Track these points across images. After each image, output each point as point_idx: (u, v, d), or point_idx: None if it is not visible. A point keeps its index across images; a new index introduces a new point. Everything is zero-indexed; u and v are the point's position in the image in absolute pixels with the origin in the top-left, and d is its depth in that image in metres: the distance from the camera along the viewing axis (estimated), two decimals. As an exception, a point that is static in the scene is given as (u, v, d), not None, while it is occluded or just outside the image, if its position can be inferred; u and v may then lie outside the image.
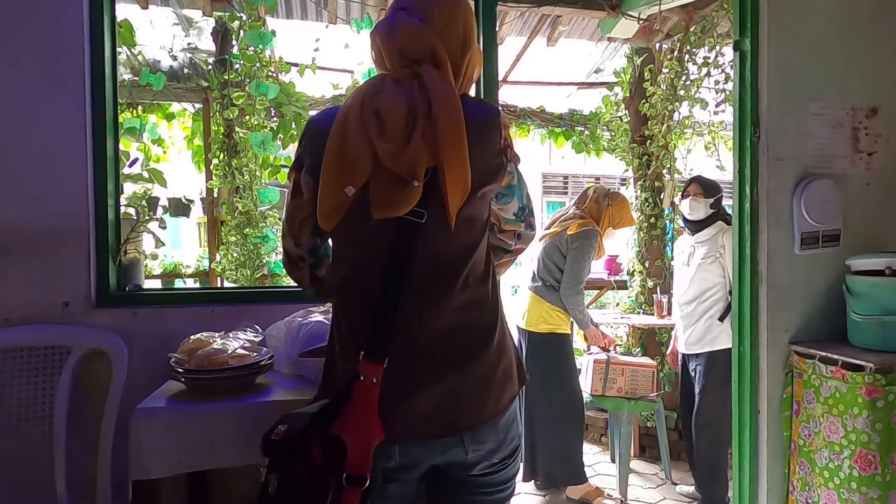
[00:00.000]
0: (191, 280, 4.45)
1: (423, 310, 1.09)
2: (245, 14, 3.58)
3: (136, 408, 1.43)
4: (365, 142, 1.06)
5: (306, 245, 1.23)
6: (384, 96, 1.08)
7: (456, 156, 1.06)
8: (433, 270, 1.10)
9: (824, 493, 1.97)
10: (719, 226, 2.97)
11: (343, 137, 1.07)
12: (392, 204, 1.05)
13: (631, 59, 4.23)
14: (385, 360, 1.05)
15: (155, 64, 3.90)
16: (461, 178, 1.06)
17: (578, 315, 3.13)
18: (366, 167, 1.06)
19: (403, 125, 1.06)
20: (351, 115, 1.08)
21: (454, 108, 1.08)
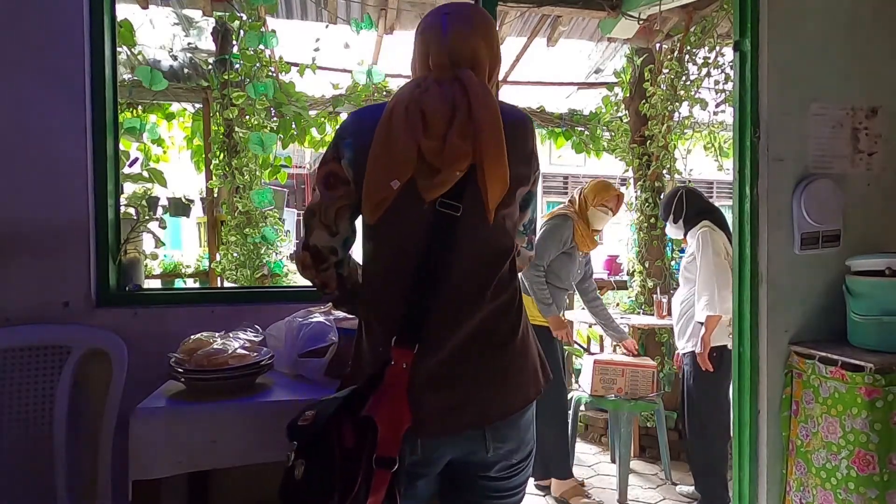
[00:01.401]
0: (191, 280, 4.45)
1: (456, 303, 1.13)
2: (245, 14, 3.58)
3: (136, 408, 1.43)
4: (411, 139, 1.10)
5: (343, 234, 1.24)
6: (429, 96, 1.13)
7: (495, 152, 1.12)
8: (469, 266, 1.14)
9: (820, 493, 1.97)
10: (702, 226, 2.96)
11: (389, 134, 1.12)
12: (435, 185, 1.11)
13: (631, 60, 4.23)
14: (416, 346, 1.09)
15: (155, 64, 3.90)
16: (500, 174, 1.12)
17: (536, 296, 3.04)
18: (411, 163, 1.10)
19: (446, 123, 1.12)
20: (396, 112, 1.13)
21: (493, 109, 1.14)
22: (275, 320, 1.79)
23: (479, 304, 1.14)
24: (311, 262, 1.24)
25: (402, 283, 1.13)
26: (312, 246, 1.23)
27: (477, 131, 1.11)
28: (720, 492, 2.92)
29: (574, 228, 3.11)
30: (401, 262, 1.15)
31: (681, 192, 3.10)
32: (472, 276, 1.15)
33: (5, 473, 1.73)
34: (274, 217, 3.83)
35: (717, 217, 3.03)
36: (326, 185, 1.21)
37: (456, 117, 1.12)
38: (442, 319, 1.12)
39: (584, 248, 3.16)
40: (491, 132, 1.12)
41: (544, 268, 3.05)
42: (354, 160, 1.17)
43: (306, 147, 4.27)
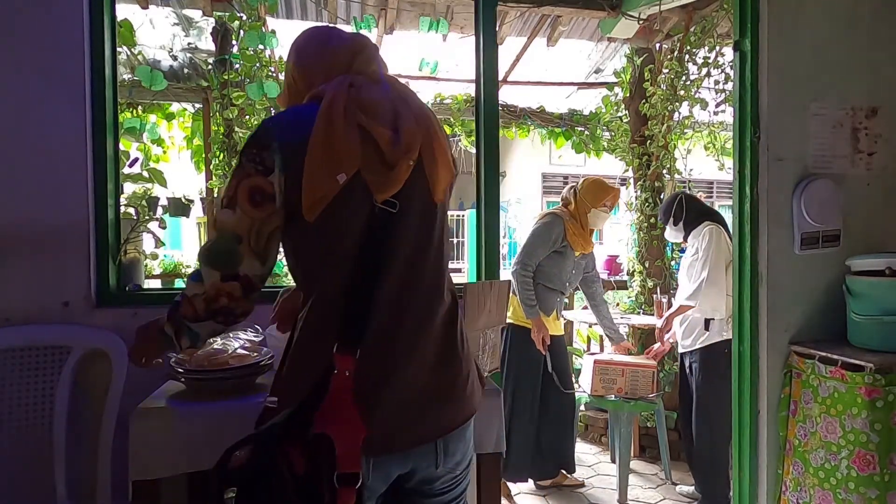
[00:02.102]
0: (191, 280, 4.44)
1: (403, 307, 1.07)
2: (245, 14, 3.58)
3: (136, 408, 1.43)
4: (354, 131, 1.05)
5: (272, 262, 1.09)
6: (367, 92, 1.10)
7: (442, 137, 1.14)
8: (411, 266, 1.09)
9: (818, 493, 1.97)
10: (707, 224, 2.99)
11: (331, 128, 1.04)
12: (389, 182, 1.06)
13: (631, 60, 4.23)
14: (357, 353, 1.01)
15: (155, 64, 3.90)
16: (446, 160, 1.12)
17: (522, 296, 3.00)
18: (356, 155, 1.04)
19: (392, 112, 1.09)
20: (337, 105, 1.06)
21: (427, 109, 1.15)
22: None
23: (430, 307, 1.10)
24: (241, 293, 1.06)
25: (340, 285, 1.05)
26: (243, 276, 1.05)
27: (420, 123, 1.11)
28: (724, 492, 2.92)
29: (565, 228, 3.09)
30: (340, 263, 1.05)
31: (680, 197, 3.15)
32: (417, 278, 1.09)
33: (5, 473, 1.73)
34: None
35: (718, 219, 3.06)
36: (252, 202, 1.03)
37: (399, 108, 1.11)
38: (388, 325, 1.05)
39: (578, 248, 3.14)
40: (434, 124, 1.13)
41: (533, 268, 3.04)
42: (286, 164, 1.02)
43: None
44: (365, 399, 1.01)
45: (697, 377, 2.99)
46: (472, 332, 1.56)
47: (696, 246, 3.00)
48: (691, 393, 3.03)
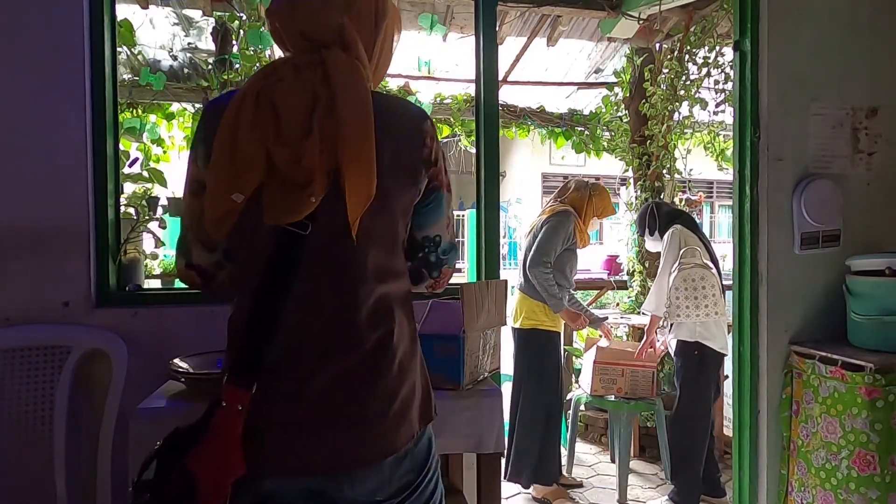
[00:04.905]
0: (191, 280, 4.44)
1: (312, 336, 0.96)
2: (245, 14, 3.58)
3: (136, 408, 1.43)
4: (258, 143, 0.91)
5: (222, 245, 1.05)
6: (282, 87, 0.94)
7: (358, 155, 0.92)
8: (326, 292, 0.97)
9: (820, 493, 1.97)
10: (672, 227, 3.07)
11: (234, 136, 0.92)
12: (286, 208, 0.91)
13: (631, 59, 4.23)
14: (252, 386, 0.92)
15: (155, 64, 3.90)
16: (364, 181, 0.92)
17: (547, 292, 3.03)
18: (257, 172, 0.91)
19: (302, 122, 0.92)
20: (245, 108, 0.93)
21: (360, 100, 0.94)
22: (275, 320, 1.78)
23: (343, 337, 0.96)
24: (199, 280, 1.10)
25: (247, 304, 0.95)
26: (196, 266, 1.07)
27: (338, 128, 0.91)
28: (695, 485, 2.96)
29: (575, 224, 3.14)
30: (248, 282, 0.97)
31: (650, 207, 3.22)
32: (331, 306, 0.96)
33: (5, 473, 1.73)
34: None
35: (686, 220, 3.13)
36: (192, 192, 1.02)
37: (316, 113, 0.92)
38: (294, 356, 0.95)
39: (582, 243, 3.20)
40: (354, 129, 0.92)
41: (551, 264, 3.07)
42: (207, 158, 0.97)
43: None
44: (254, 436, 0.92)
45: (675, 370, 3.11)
46: (472, 333, 1.56)
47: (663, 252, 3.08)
48: None
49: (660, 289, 3.04)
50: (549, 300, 3.05)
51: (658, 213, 3.15)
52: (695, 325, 2.93)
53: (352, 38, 0.99)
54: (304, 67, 0.95)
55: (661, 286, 3.03)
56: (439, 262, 1.13)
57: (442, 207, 1.10)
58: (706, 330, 2.92)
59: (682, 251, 2.95)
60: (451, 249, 1.14)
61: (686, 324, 2.95)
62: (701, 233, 3.10)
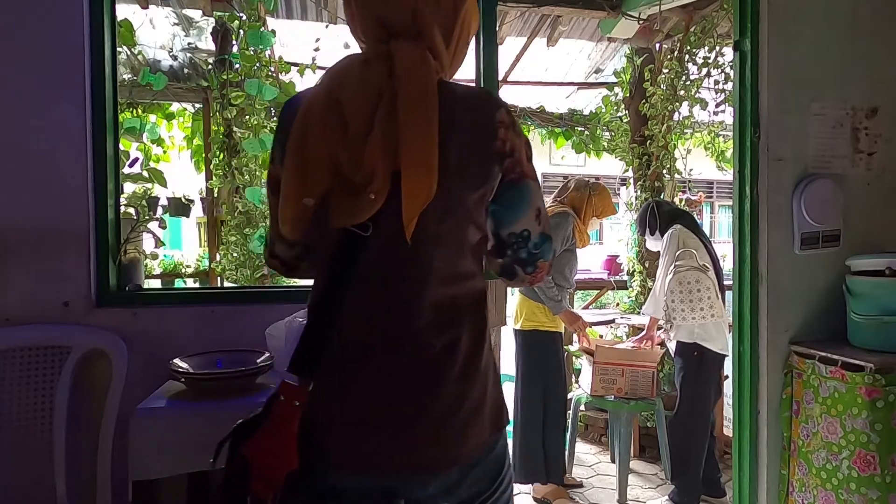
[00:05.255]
0: (191, 280, 4.45)
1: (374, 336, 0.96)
2: (245, 14, 3.58)
3: (136, 408, 1.43)
4: (325, 148, 0.91)
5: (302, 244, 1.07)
6: (349, 86, 0.92)
7: (417, 154, 0.89)
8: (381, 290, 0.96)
9: (821, 493, 1.97)
10: (672, 228, 3.07)
11: (304, 141, 0.93)
12: (350, 211, 0.91)
13: (631, 59, 4.23)
14: (310, 384, 0.94)
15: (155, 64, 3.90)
16: (422, 183, 0.88)
17: (545, 294, 3.04)
18: (325, 176, 0.92)
19: (366, 122, 0.90)
20: (314, 110, 0.93)
21: (423, 94, 0.91)
22: (275, 320, 1.79)
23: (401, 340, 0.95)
24: (283, 269, 1.13)
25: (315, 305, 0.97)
26: (279, 256, 1.11)
27: (401, 126, 0.89)
28: (695, 485, 2.97)
29: (574, 225, 3.14)
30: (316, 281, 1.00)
31: (651, 206, 3.22)
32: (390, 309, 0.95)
33: (5, 473, 1.73)
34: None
35: (687, 219, 3.13)
36: (271, 190, 1.04)
37: (378, 111, 0.90)
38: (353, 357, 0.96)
39: (581, 243, 3.20)
40: (416, 125, 0.89)
41: None
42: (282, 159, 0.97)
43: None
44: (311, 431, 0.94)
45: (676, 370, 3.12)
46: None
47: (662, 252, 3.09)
48: None
49: (656, 293, 3.05)
50: (546, 302, 3.06)
51: (658, 213, 3.16)
52: (693, 326, 2.93)
53: (426, 25, 0.96)
54: (373, 61, 0.93)
55: (656, 290, 3.04)
56: (532, 258, 1.05)
57: (525, 200, 1.01)
58: (705, 331, 2.93)
59: (678, 253, 2.95)
60: (543, 242, 1.05)
61: (684, 325, 2.95)
62: (702, 232, 3.10)
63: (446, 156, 0.90)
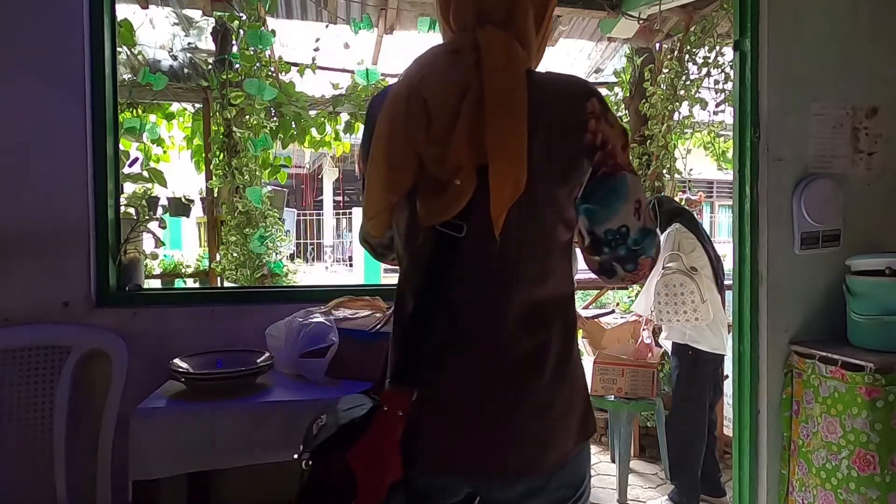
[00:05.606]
0: (191, 280, 4.45)
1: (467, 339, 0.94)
2: (245, 14, 3.58)
3: (136, 408, 1.43)
4: (410, 144, 0.89)
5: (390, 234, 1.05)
6: (433, 79, 0.90)
7: (505, 147, 0.85)
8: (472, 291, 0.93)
9: (821, 493, 1.97)
10: (671, 227, 3.07)
11: (388, 138, 0.91)
12: (436, 208, 0.89)
13: (631, 59, 4.23)
14: (413, 393, 0.91)
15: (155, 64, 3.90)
16: (510, 177, 0.85)
17: None
18: (410, 173, 0.90)
19: (451, 118, 0.87)
20: (397, 106, 0.91)
21: (511, 85, 0.87)
22: (275, 320, 1.79)
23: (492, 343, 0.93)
24: (372, 253, 1.15)
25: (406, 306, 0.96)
26: (369, 242, 1.12)
27: (487, 119, 0.85)
28: (693, 484, 2.97)
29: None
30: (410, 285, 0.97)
31: (652, 202, 3.21)
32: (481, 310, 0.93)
33: (5, 473, 1.73)
34: (274, 217, 3.83)
35: (687, 218, 3.12)
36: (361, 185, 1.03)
37: (464, 109, 0.86)
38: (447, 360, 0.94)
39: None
40: (504, 117, 0.85)
41: None
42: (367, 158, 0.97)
43: (306, 147, 4.28)
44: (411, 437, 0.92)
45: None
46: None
47: None
48: None
49: (647, 291, 3.05)
50: None
51: (659, 210, 3.15)
52: (684, 328, 2.93)
53: (522, 9, 0.94)
54: (460, 51, 0.90)
55: (647, 288, 3.04)
56: (632, 255, 0.98)
57: (621, 193, 0.95)
58: (696, 332, 2.93)
59: (667, 255, 2.95)
60: (644, 237, 0.98)
61: (675, 326, 2.96)
62: (702, 231, 3.10)
63: (532, 149, 0.87)
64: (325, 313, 1.74)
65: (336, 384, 1.60)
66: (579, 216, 0.98)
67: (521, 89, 0.87)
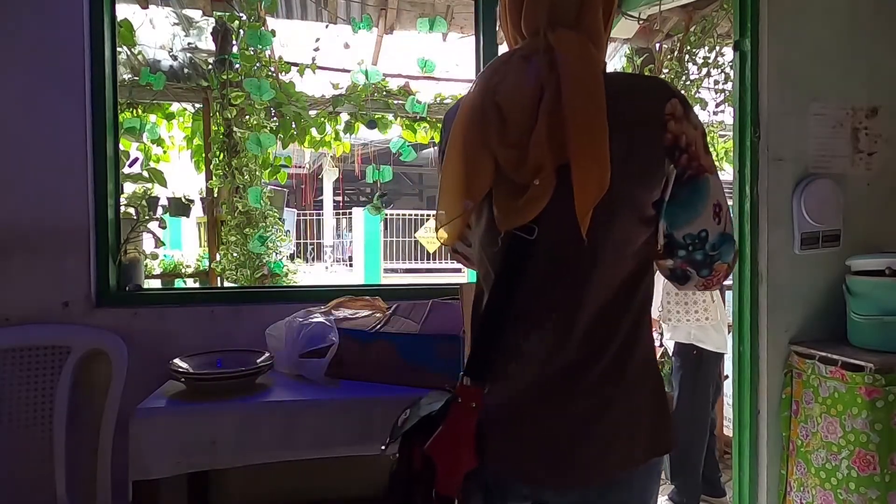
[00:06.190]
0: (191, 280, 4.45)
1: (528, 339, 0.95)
2: (245, 14, 3.58)
3: (136, 408, 1.43)
4: (485, 149, 0.90)
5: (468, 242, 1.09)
6: (507, 85, 0.90)
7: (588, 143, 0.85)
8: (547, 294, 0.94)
9: (820, 493, 1.97)
10: None
11: (462, 145, 0.92)
12: (515, 211, 0.89)
13: (631, 59, 4.23)
14: (485, 387, 0.95)
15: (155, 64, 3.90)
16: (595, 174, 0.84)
17: None
18: (486, 178, 0.91)
19: (528, 119, 0.88)
20: (471, 113, 0.93)
21: (590, 83, 0.87)
22: (275, 320, 1.79)
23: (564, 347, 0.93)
24: (465, 263, 1.18)
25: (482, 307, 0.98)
26: (459, 252, 1.16)
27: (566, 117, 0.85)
28: (695, 483, 2.97)
29: None
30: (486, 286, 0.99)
31: None
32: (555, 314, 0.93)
33: (5, 473, 1.73)
34: (274, 217, 3.83)
35: None
36: None
37: (541, 110, 0.87)
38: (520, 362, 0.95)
39: None
40: (585, 114, 0.85)
41: None
42: None
43: (306, 147, 4.28)
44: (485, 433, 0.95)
45: None
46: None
47: None
48: None
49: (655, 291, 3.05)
50: None
51: None
52: (690, 328, 2.93)
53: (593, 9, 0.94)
54: (534, 56, 0.90)
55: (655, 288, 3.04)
56: (709, 260, 0.96)
57: (703, 197, 0.93)
58: (702, 332, 2.93)
59: None
60: (722, 243, 0.96)
61: (681, 326, 2.95)
62: None
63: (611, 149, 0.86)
64: (325, 313, 1.74)
65: (336, 384, 1.60)
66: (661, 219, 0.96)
67: (599, 88, 0.87)
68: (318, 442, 1.47)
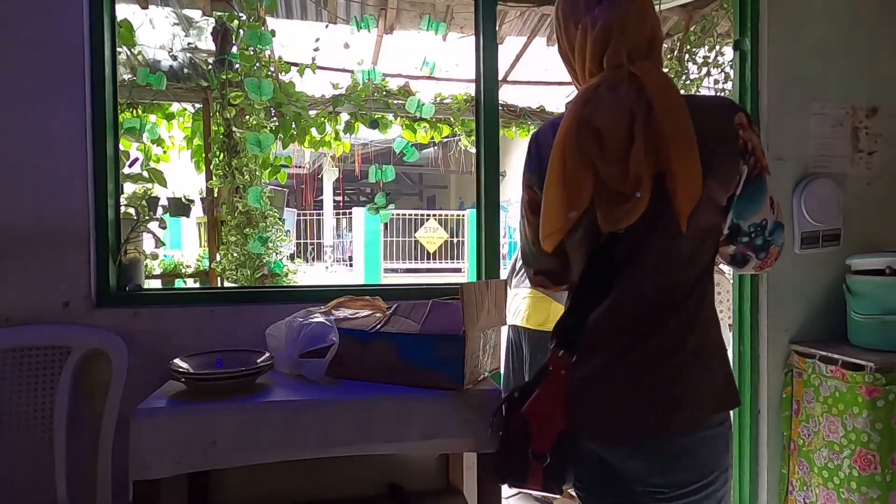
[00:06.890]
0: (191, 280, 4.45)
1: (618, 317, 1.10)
2: (245, 14, 3.58)
3: (136, 408, 1.43)
4: (587, 165, 1.05)
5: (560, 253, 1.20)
6: (602, 111, 1.05)
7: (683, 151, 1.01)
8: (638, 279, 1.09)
9: (822, 492, 1.97)
10: None
11: (563, 162, 1.07)
12: (619, 215, 1.04)
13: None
14: (573, 357, 1.11)
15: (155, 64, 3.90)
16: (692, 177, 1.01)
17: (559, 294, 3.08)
18: (588, 191, 1.06)
19: (624, 138, 1.03)
20: (569, 137, 1.07)
21: (676, 104, 1.04)
22: (275, 320, 1.79)
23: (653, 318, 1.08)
24: (549, 283, 1.29)
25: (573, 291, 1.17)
26: (546, 271, 1.27)
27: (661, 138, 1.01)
28: None
29: None
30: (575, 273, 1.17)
31: None
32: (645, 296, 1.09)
33: (5, 473, 1.73)
34: (274, 217, 3.83)
35: None
36: (532, 212, 1.22)
37: (636, 130, 1.02)
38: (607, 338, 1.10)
39: None
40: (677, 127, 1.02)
41: None
42: (540, 185, 1.15)
43: (306, 147, 4.28)
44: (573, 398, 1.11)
45: None
46: (473, 333, 1.56)
47: None
48: None
49: None
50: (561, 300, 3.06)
51: None
52: None
53: (659, 43, 1.13)
54: (619, 86, 1.05)
55: None
56: (766, 244, 1.16)
57: (764, 191, 1.13)
58: None
59: None
60: (776, 229, 1.17)
61: None
62: None
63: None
64: (325, 313, 1.74)
65: (336, 384, 1.60)
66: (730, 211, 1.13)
67: (685, 107, 1.04)
68: (318, 442, 1.46)
